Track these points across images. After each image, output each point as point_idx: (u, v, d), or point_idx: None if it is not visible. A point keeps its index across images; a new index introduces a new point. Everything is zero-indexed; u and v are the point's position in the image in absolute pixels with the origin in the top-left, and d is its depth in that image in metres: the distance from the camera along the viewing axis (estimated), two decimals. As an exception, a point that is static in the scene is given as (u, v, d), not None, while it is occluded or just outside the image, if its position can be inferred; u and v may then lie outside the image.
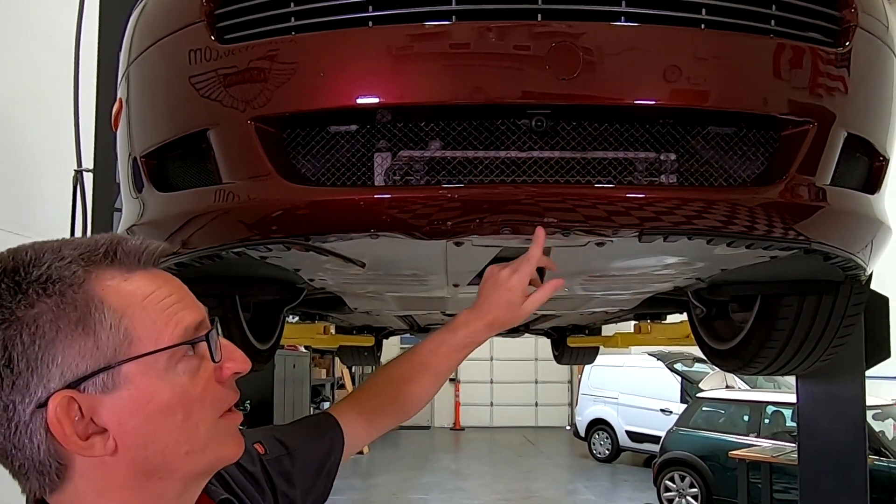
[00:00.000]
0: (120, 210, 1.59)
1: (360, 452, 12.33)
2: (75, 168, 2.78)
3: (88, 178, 2.64)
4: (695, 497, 7.43)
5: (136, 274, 0.65)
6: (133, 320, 0.62)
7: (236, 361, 0.69)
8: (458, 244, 1.25)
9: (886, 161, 1.35)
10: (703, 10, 1.12)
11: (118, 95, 1.43)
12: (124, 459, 0.62)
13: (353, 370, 13.22)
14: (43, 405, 0.59)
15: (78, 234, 2.72)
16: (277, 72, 1.13)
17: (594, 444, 11.57)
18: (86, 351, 0.60)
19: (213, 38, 1.18)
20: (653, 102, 1.11)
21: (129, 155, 1.38)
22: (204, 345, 0.66)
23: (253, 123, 1.14)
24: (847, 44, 1.21)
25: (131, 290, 0.63)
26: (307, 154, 1.17)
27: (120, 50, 1.43)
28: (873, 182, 1.34)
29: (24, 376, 0.59)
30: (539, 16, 1.08)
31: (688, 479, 7.52)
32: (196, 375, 0.65)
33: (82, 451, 0.61)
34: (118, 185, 1.78)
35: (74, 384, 0.60)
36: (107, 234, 0.67)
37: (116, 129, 1.46)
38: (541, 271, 1.18)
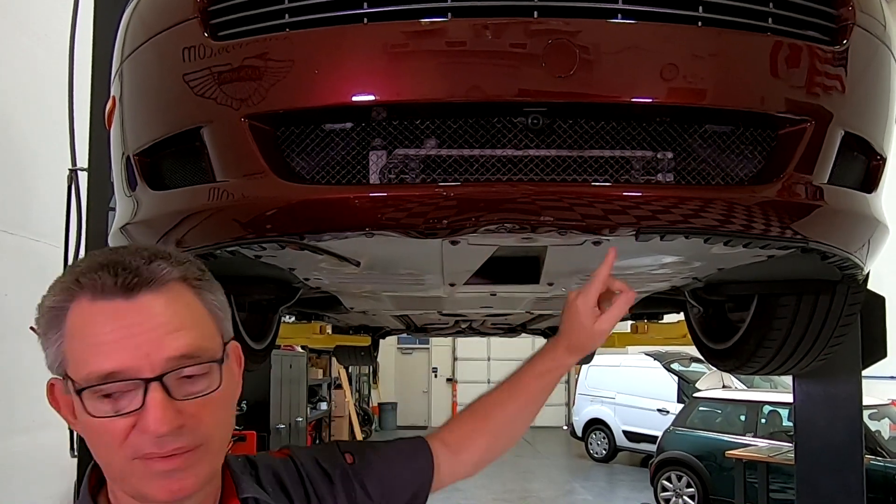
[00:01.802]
0: (115, 209, 1.58)
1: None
2: (70, 167, 2.76)
3: (83, 178, 2.62)
4: (692, 497, 7.44)
5: (98, 303, 0.70)
6: (70, 345, 0.71)
7: (146, 421, 0.69)
8: (453, 243, 1.24)
9: (884, 160, 1.34)
10: (701, 8, 1.11)
11: (111, 93, 1.42)
12: None
13: (349, 370, 13.19)
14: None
15: (72, 233, 2.71)
16: (271, 69, 1.12)
17: (591, 444, 11.58)
18: (50, 353, 0.73)
19: (206, 34, 1.17)
20: (649, 100, 1.11)
21: (123, 153, 1.37)
22: (120, 390, 0.69)
23: (247, 121, 1.13)
24: (845, 42, 1.20)
25: (83, 318, 0.70)
26: (302, 152, 1.16)
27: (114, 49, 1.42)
28: (871, 181, 1.34)
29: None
30: (535, 13, 1.07)
31: (685, 479, 7.53)
32: (102, 415, 0.70)
33: (71, 423, 0.73)
34: (113, 184, 1.77)
35: (57, 372, 0.73)
36: (112, 255, 0.72)
37: (110, 127, 1.45)
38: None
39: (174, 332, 0.70)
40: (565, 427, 15.59)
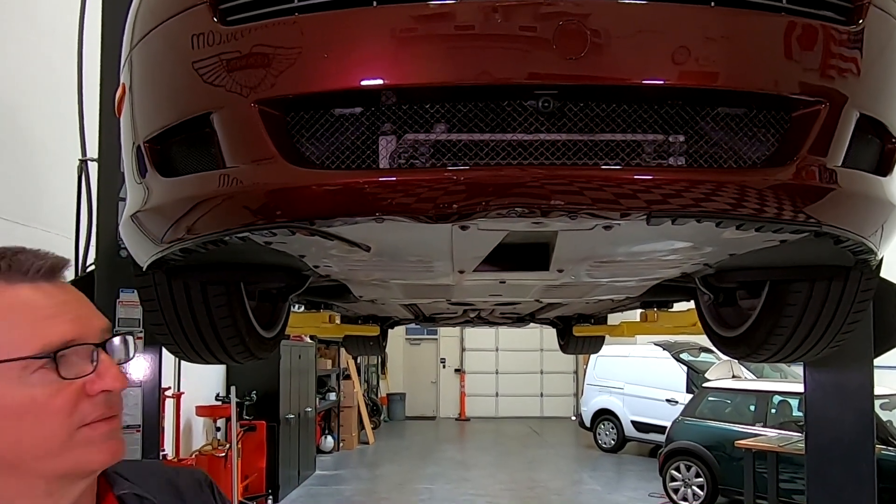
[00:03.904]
0: (125, 200, 1.59)
1: (366, 442, 12.38)
2: (80, 157, 2.78)
3: (93, 168, 2.64)
4: (701, 487, 7.44)
5: (18, 286, 0.72)
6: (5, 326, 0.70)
7: (104, 380, 0.73)
8: (463, 228, 1.24)
9: (899, 143, 1.32)
10: (713, -12, 1.10)
11: (121, 80, 1.42)
12: None
13: (358, 360, 13.25)
14: None
15: (83, 223, 2.73)
16: (281, 54, 1.12)
17: (600, 435, 11.59)
18: None
19: (215, 20, 1.16)
20: (661, 83, 1.09)
21: (133, 141, 1.37)
22: (73, 358, 0.72)
23: (257, 106, 1.13)
24: (860, 22, 1.18)
25: (3, 301, 0.71)
26: (311, 137, 1.16)
27: (123, 38, 1.42)
28: (886, 164, 1.32)
29: None
30: (546, -6, 1.06)
31: (694, 469, 7.53)
32: (53, 386, 0.71)
33: None
34: (123, 174, 1.78)
35: None
36: (12, 247, 0.74)
37: (120, 115, 1.46)
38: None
39: (95, 309, 0.78)
40: (573, 417, 15.63)
